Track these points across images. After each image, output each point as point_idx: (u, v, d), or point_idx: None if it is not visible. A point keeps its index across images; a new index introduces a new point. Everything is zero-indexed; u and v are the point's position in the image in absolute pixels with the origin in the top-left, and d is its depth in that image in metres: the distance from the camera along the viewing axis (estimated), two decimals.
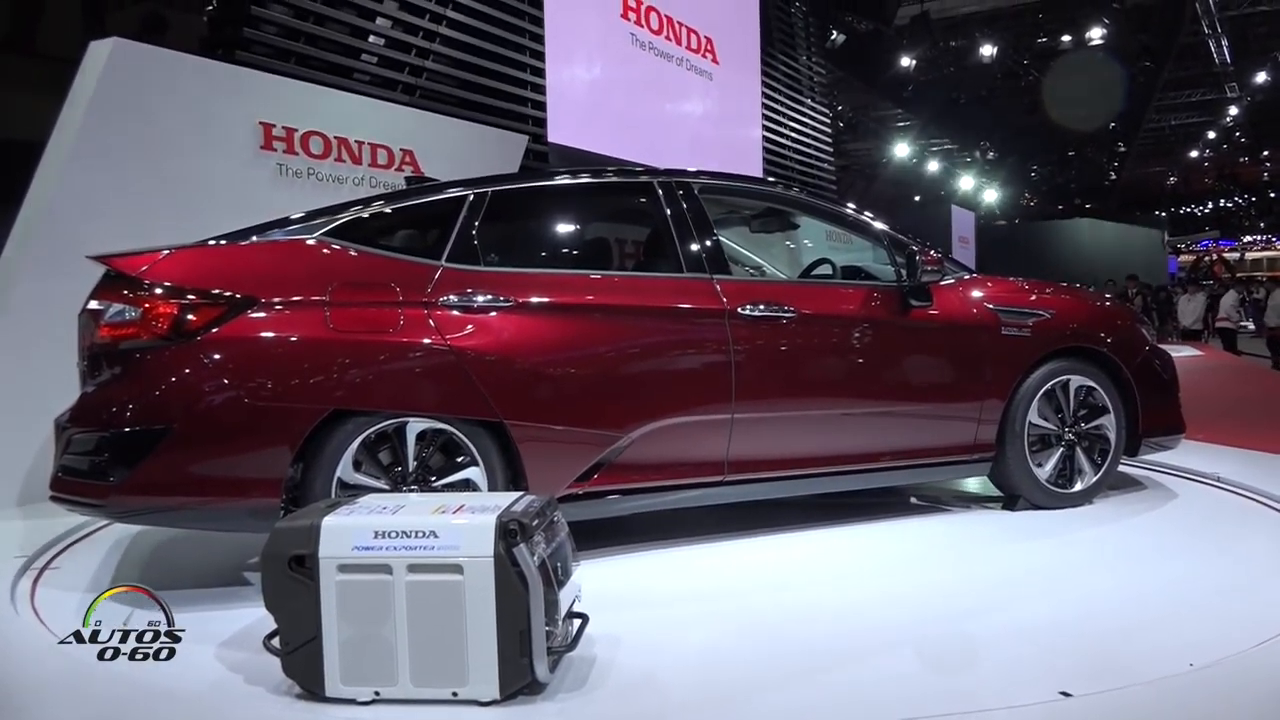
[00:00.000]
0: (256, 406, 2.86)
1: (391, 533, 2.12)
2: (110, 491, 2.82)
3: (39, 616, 2.85)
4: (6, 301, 4.38)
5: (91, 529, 3.87)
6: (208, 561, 3.50)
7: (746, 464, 3.49)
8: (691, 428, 3.37)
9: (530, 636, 2.10)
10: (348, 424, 2.94)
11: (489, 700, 2.11)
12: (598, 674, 2.31)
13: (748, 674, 2.37)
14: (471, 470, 3.07)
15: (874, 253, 4.21)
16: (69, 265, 3.48)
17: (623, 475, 3.30)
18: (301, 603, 2.13)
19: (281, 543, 2.16)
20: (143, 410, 2.83)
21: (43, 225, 4.42)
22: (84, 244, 3.27)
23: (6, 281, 4.42)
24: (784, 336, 3.53)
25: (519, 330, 3.16)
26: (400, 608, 2.10)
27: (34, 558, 3.49)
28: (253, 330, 2.89)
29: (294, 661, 2.16)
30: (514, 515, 2.14)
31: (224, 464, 2.87)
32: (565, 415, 3.19)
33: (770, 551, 3.50)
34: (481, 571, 2.09)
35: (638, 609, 2.83)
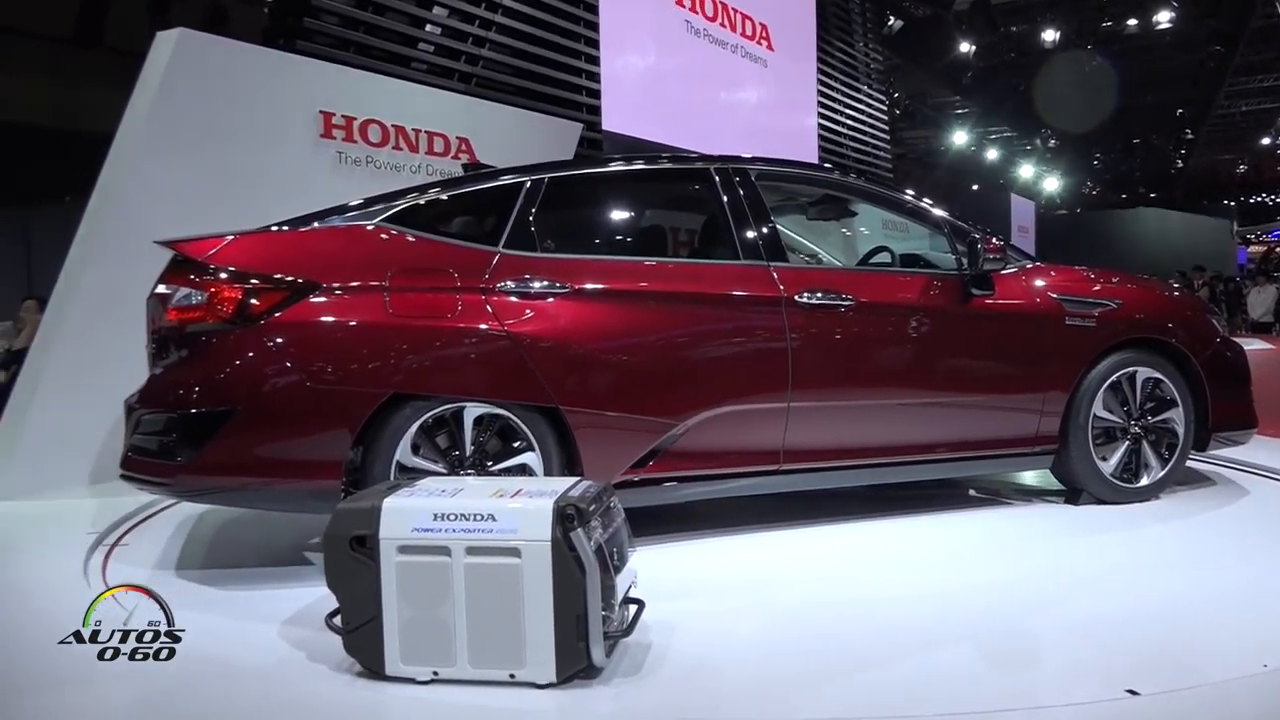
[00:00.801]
0: (318, 390, 2.91)
1: (450, 515, 2.14)
2: (177, 471, 2.89)
3: None
4: (78, 286, 4.50)
5: (159, 508, 3.97)
6: (270, 541, 3.57)
7: (802, 453, 3.46)
8: (747, 416, 3.35)
9: (586, 621, 2.10)
10: (406, 408, 2.97)
11: (545, 683, 2.12)
12: (653, 660, 2.31)
13: (802, 664, 2.35)
14: (528, 455, 3.09)
15: (933, 241, 4.15)
16: (137, 251, 3.56)
17: (678, 462, 3.29)
18: (362, 583, 2.16)
19: (343, 523, 2.19)
20: (208, 392, 2.89)
21: (112, 213, 4.53)
22: (151, 230, 3.34)
23: (78, 267, 4.54)
24: (842, 325, 3.49)
25: (575, 316, 3.16)
26: (459, 589, 2.12)
27: (105, 535, 3.59)
28: (314, 315, 2.93)
29: (355, 640, 2.19)
30: (571, 500, 2.15)
31: (286, 446, 2.92)
32: (621, 402, 3.19)
33: (825, 542, 3.47)
34: (539, 555, 2.10)
35: (693, 597, 2.82)
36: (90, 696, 1.52)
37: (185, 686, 2.20)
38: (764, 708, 2.12)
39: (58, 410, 4.41)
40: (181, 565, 3.25)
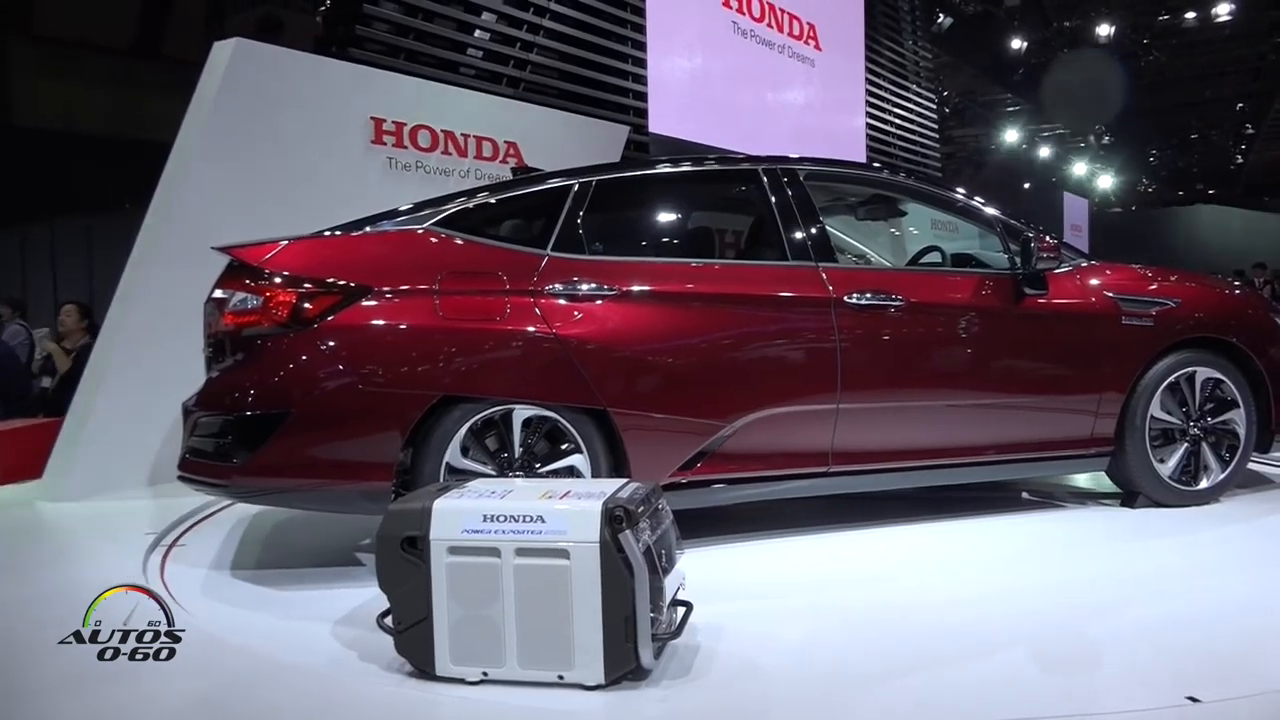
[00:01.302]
0: (369, 392, 2.94)
1: (500, 516, 2.15)
2: (233, 473, 2.94)
3: (169, 590, 2.99)
4: (137, 291, 4.61)
5: (214, 509, 4.05)
6: (323, 542, 3.62)
7: (852, 455, 3.43)
8: (796, 418, 3.33)
9: (635, 622, 2.10)
10: (456, 410, 2.99)
11: (594, 684, 2.12)
12: (702, 662, 2.30)
13: (852, 668, 2.33)
14: (575, 458, 3.10)
15: (984, 241, 4.08)
16: (195, 257, 3.64)
17: (726, 464, 3.28)
18: (413, 583, 2.18)
19: (395, 524, 2.21)
20: (263, 395, 2.94)
21: (170, 219, 4.63)
22: (208, 236, 3.40)
23: (138, 273, 4.65)
24: (892, 326, 3.46)
25: (623, 319, 3.17)
26: (508, 590, 2.13)
27: (163, 535, 3.67)
28: (366, 318, 2.96)
29: (406, 640, 2.21)
30: (620, 502, 2.15)
31: (338, 448, 2.96)
32: (668, 404, 3.19)
33: (875, 545, 3.44)
34: (587, 557, 2.10)
35: (741, 599, 2.81)
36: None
37: (241, 685, 2.24)
38: (813, 711, 2.10)
39: (118, 413, 4.52)
40: (237, 565, 3.31)
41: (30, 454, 4.84)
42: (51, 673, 1.58)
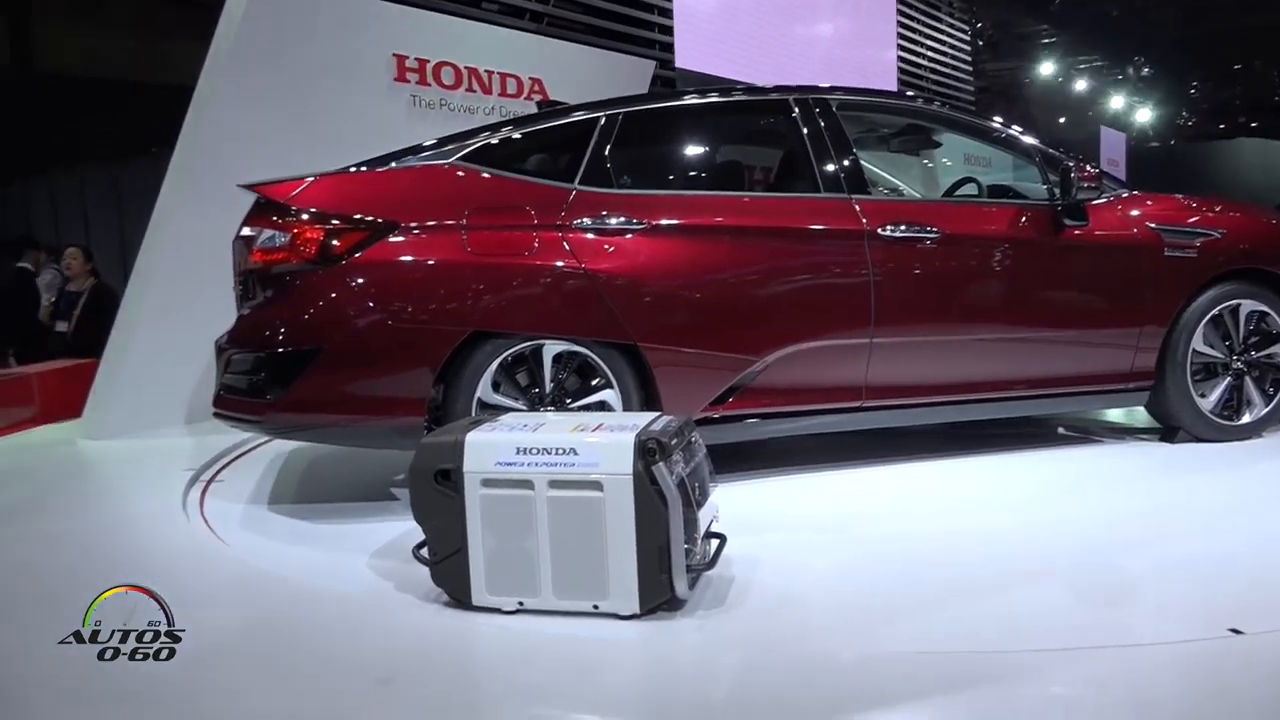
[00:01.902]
0: (399, 328, 2.94)
1: (532, 449, 2.15)
2: (267, 409, 2.96)
3: (209, 525, 3.05)
4: (167, 232, 4.62)
5: (250, 446, 4.10)
6: (358, 477, 3.66)
7: (886, 389, 3.40)
8: (829, 352, 3.30)
9: (669, 553, 2.10)
10: (486, 346, 2.99)
11: (629, 614, 2.13)
12: (736, 593, 2.31)
13: (887, 598, 2.32)
14: (606, 393, 3.09)
15: (1018, 173, 4.00)
16: (222, 196, 3.63)
17: (758, 399, 3.26)
18: (448, 515, 2.19)
19: (428, 457, 2.22)
20: (294, 332, 2.95)
21: (196, 160, 4.62)
22: (235, 175, 3.39)
23: (167, 214, 4.65)
24: (927, 258, 3.39)
25: (653, 253, 3.14)
26: (542, 522, 2.14)
27: (201, 471, 3.72)
28: (394, 254, 2.95)
29: (442, 571, 2.23)
30: (652, 434, 2.14)
31: (371, 384, 2.97)
32: (699, 339, 3.16)
33: (910, 479, 3.42)
34: (621, 489, 2.10)
35: (774, 531, 2.81)
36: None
37: (282, 614, 2.28)
38: (849, 639, 2.10)
39: (153, 352, 4.57)
40: (274, 500, 3.35)
41: (70, 394, 4.92)
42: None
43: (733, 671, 1.96)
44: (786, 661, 1.96)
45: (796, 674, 1.89)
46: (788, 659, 1.97)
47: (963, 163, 7.87)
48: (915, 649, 2.00)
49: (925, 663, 1.93)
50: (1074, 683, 1.85)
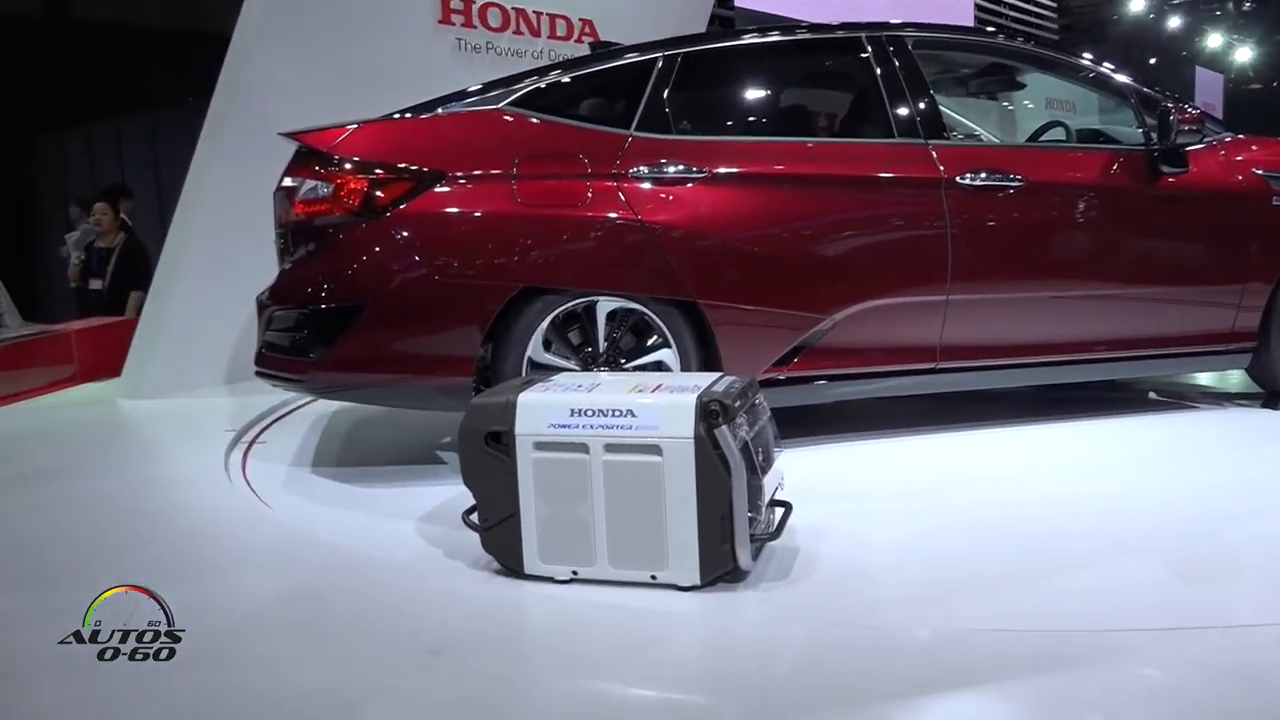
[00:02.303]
0: (446, 284, 2.94)
1: (588, 411, 2.13)
2: (310, 367, 2.99)
3: (251, 487, 3.10)
4: (206, 184, 4.66)
5: (292, 406, 4.16)
6: (404, 439, 3.69)
7: (962, 351, 3.34)
8: (901, 310, 3.25)
9: (732, 522, 2.07)
10: (537, 302, 2.98)
11: (689, 585, 2.11)
12: (802, 564, 2.28)
13: (964, 572, 2.28)
14: (663, 352, 3.07)
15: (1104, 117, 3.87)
16: (261, 146, 3.64)
17: (825, 360, 3.22)
18: (498, 479, 2.18)
19: (478, 418, 2.21)
20: (338, 287, 2.96)
21: (234, 109, 4.65)
22: (274, 124, 3.39)
23: (205, 166, 4.70)
24: (1009, 208, 3.31)
25: (714, 203, 3.09)
26: (598, 488, 2.12)
27: (243, 432, 3.78)
28: (441, 205, 2.94)
29: (492, 538, 2.23)
30: (715, 395, 2.10)
31: (417, 342, 2.98)
32: (763, 295, 3.13)
33: (987, 447, 3.36)
34: (681, 453, 2.07)
35: (842, 500, 2.78)
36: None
37: (326, 581, 2.31)
38: (924, 615, 2.06)
39: (192, 310, 4.64)
40: (317, 463, 3.39)
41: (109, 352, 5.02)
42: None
43: (798, 647, 1.94)
44: (856, 637, 1.93)
45: (867, 651, 1.86)
46: (857, 635, 1.94)
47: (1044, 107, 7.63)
48: (996, 626, 1.96)
49: (1008, 642, 1.88)
50: (1173, 666, 1.79)
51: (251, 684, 1.77)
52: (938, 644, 1.91)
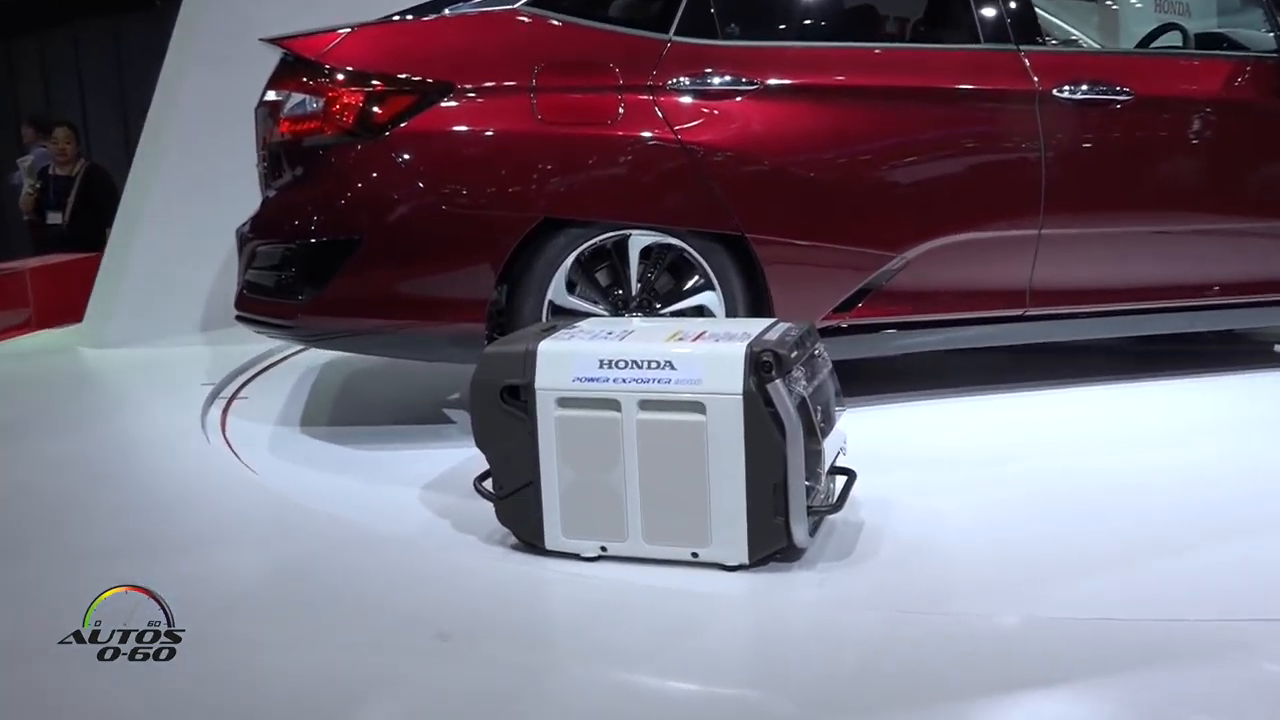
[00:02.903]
0: (455, 215, 2.94)
1: (620, 362, 2.12)
2: (298, 311, 3.00)
3: (232, 449, 3.14)
4: (175, 100, 4.68)
5: (278, 356, 4.20)
6: (405, 396, 3.73)
7: (1056, 295, 3.33)
8: (985, 247, 3.23)
9: (787, 492, 2.07)
10: (560, 237, 2.97)
11: (735, 564, 2.11)
12: (866, 542, 2.28)
13: (1052, 553, 2.27)
14: (706, 295, 3.07)
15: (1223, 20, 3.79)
16: (240, 55, 3.64)
17: (895, 305, 3.22)
18: (516, 441, 2.19)
19: (492, 370, 2.21)
20: (330, 218, 2.97)
21: (208, 12, 4.64)
22: (254, 30, 3.37)
23: (174, 78, 4.71)
24: (1116, 127, 3.29)
25: (767, 121, 3.07)
26: (630, 451, 2.12)
27: (222, 386, 3.83)
28: (448, 124, 2.93)
29: (509, 508, 2.24)
30: (767, 345, 2.09)
31: (420, 283, 2.99)
32: (823, 229, 3.11)
33: (1080, 407, 3.34)
34: (728, 411, 2.06)
35: (914, 468, 2.78)
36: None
37: (319, 556, 2.33)
38: (1007, 600, 2.05)
39: (163, 245, 4.68)
40: (307, 422, 3.43)
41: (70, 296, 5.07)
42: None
43: (862, 636, 1.93)
44: (929, 626, 1.92)
45: (942, 641, 1.86)
46: (931, 623, 1.93)
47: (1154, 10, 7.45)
48: (1092, 614, 1.95)
49: (1107, 632, 1.87)
50: None
51: (240, 671, 1.80)
52: (1025, 634, 1.90)
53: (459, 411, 3.35)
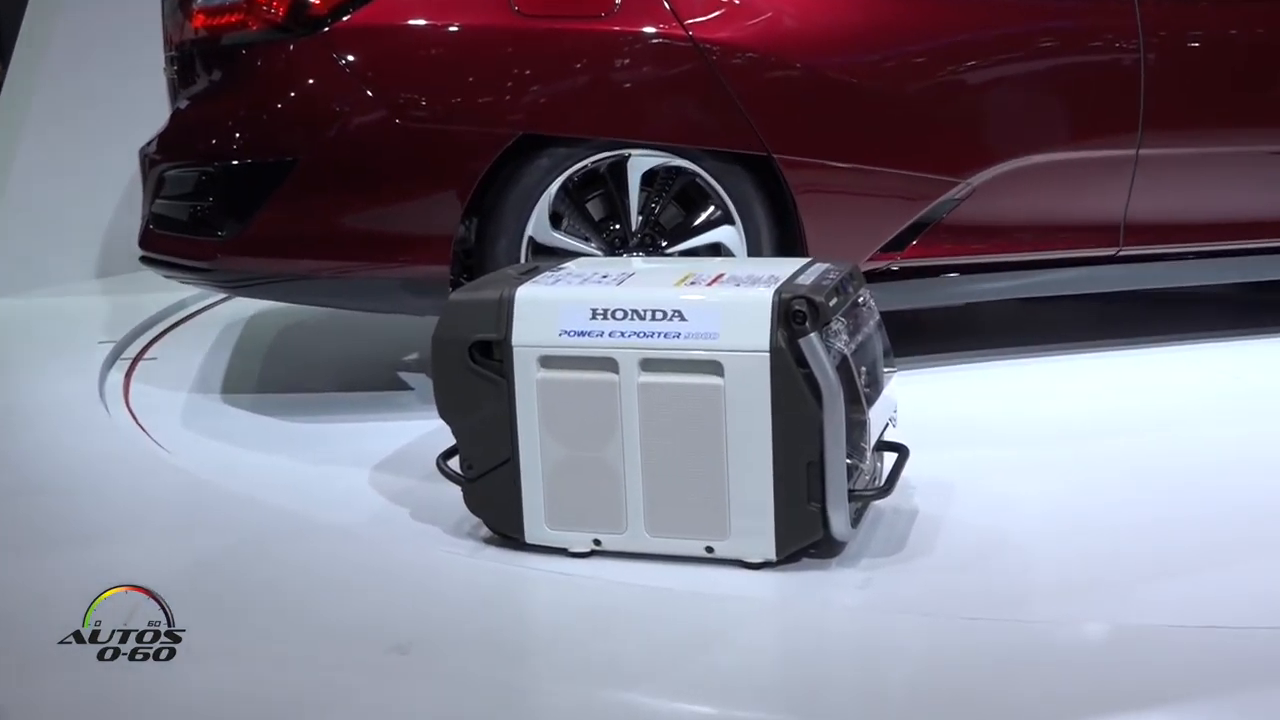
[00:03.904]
0: (411, 131, 2.94)
1: (617, 312, 2.12)
2: (218, 250, 3.00)
3: (138, 421, 3.15)
4: None
5: (194, 308, 4.20)
6: (353, 355, 3.75)
7: (1156, 230, 3.35)
8: (1069, 171, 3.25)
9: (824, 472, 2.07)
10: (542, 159, 2.97)
11: (760, 561, 2.13)
12: (921, 534, 2.29)
13: (1145, 547, 2.28)
14: (723, 231, 3.08)
15: None
16: None
17: (956, 243, 3.24)
18: (489, 410, 2.19)
19: (458, 322, 2.21)
20: (257, 136, 2.97)
21: None
22: None
23: None
24: (1234, 21, 3.30)
25: (798, 14, 3.08)
26: (630, 422, 2.13)
27: (124, 344, 3.84)
28: (403, 16, 2.94)
29: (480, 492, 2.24)
30: (801, 291, 2.08)
31: (369, 215, 3.00)
32: (868, 148, 3.13)
33: (1181, 369, 3.38)
34: (751, 372, 2.07)
35: (976, 444, 2.80)
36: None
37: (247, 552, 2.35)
38: (1092, 604, 2.07)
39: (46, 173, 4.64)
40: (229, 389, 3.44)
41: None
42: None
43: (917, 649, 1.95)
44: (999, 636, 1.93)
45: (1015, 655, 1.87)
46: (1001, 632, 1.94)
47: None
48: (1196, 621, 1.96)
49: (1214, 641, 1.88)
50: None
51: (158, 690, 1.84)
52: (1116, 645, 1.93)
53: (418, 376, 3.35)
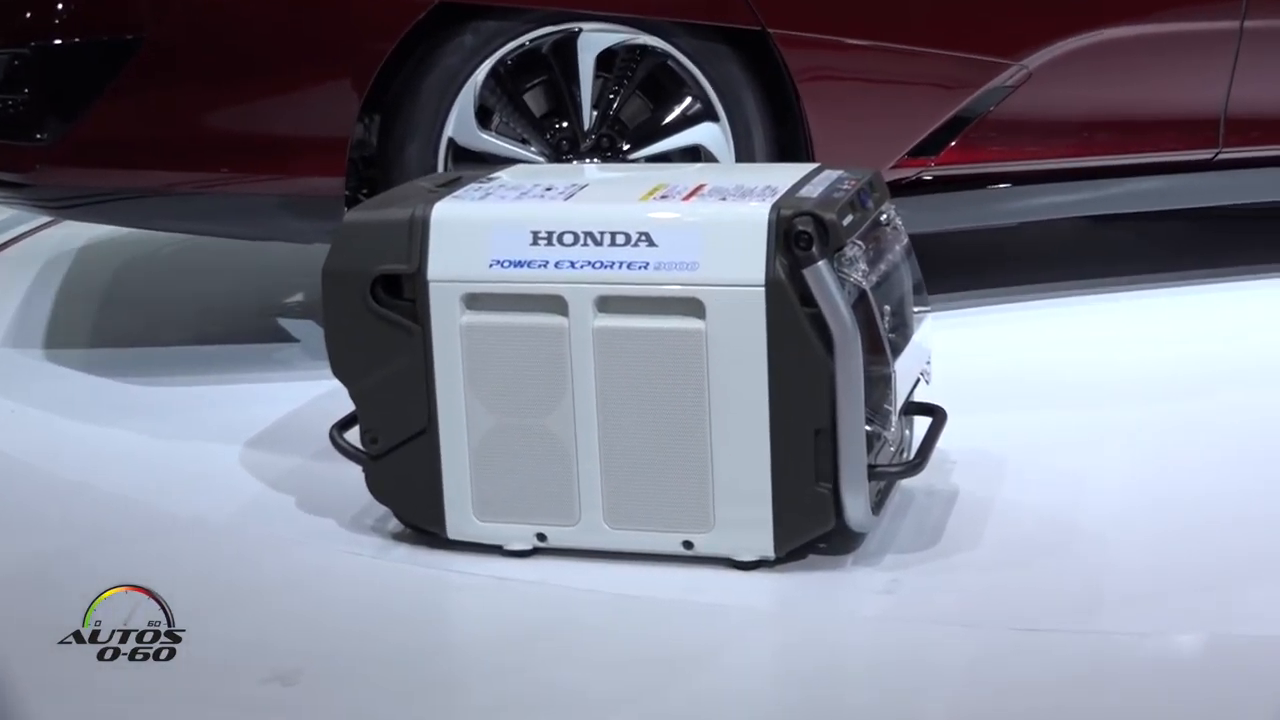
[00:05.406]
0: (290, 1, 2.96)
1: (565, 235, 2.12)
2: (36, 159, 2.99)
3: None
4: None
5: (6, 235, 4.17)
6: (219, 297, 3.74)
7: (1265, 127, 3.38)
8: (1152, 50, 3.29)
9: (836, 442, 2.08)
10: (464, 35, 2.98)
11: (753, 560, 2.14)
12: (961, 522, 2.31)
13: (1237, 540, 2.31)
14: (703, 129, 3.11)
15: None
16: None
17: (1007, 144, 3.28)
18: (398, 365, 2.20)
19: (356, 251, 2.21)
20: (87, 5, 2.97)
21: None
22: None
23: None
24: None
25: None
26: (584, 380, 2.13)
27: None
28: None
29: (387, 473, 2.25)
30: (805, 206, 2.09)
31: (236, 112, 3.01)
32: (891, 21, 3.15)
33: None
34: (742, 313, 2.07)
35: (1028, 407, 2.84)
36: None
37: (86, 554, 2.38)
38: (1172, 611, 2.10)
39: None
40: (55, 342, 3.44)
41: None
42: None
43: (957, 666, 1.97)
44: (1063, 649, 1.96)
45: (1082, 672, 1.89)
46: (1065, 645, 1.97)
47: None
48: None
49: None
50: None
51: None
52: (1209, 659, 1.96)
53: (304, 323, 3.35)
